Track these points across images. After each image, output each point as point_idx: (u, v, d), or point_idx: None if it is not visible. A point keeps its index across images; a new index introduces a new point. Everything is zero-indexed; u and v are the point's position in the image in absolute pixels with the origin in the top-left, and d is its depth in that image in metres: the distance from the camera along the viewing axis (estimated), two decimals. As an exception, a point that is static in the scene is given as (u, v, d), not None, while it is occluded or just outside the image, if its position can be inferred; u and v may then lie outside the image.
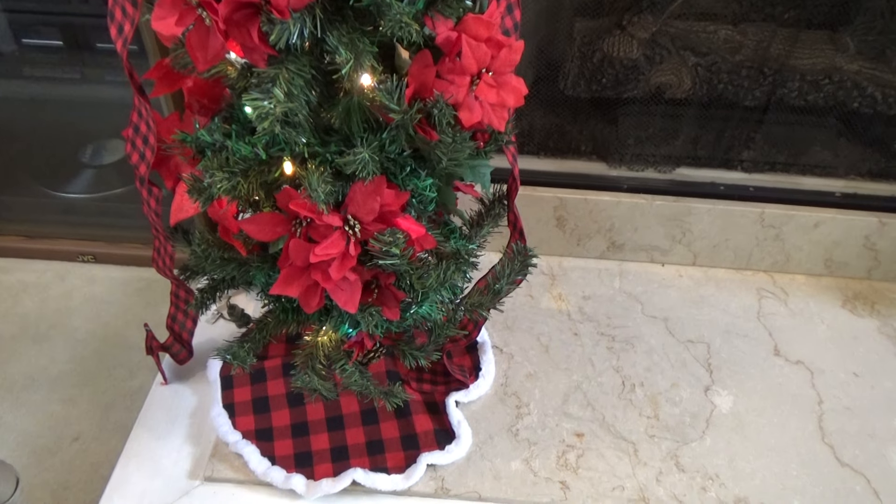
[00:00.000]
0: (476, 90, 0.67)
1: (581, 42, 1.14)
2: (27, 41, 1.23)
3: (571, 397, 1.04)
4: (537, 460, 0.96)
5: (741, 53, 1.15)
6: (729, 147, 1.25)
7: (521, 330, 1.15)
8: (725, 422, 1.02)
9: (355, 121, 0.67)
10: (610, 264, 1.29)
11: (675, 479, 0.95)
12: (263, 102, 0.59)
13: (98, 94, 1.30)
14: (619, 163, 1.25)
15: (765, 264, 1.29)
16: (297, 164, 0.68)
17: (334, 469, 0.92)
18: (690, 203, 1.22)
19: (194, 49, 0.60)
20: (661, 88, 1.18)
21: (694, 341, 1.15)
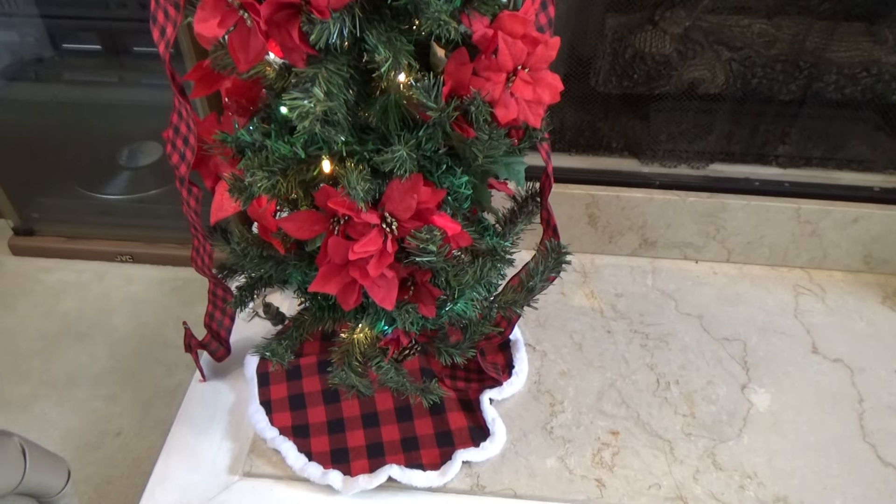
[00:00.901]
0: (512, 87, 0.67)
1: (612, 38, 1.14)
2: (67, 46, 1.26)
3: (606, 395, 1.04)
4: (572, 458, 0.95)
5: (776, 47, 1.14)
6: (764, 142, 1.23)
7: (554, 328, 1.15)
8: (763, 420, 1.01)
9: (392, 119, 0.67)
10: (642, 261, 1.29)
11: (712, 477, 0.94)
12: (303, 101, 0.60)
13: (135, 98, 1.32)
14: (652, 159, 1.24)
15: (801, 261, 1.27)
16: (335, 162, 0.69)
17: (370, 465, 0.92)
18: (724, 199, 1.21)
19: (236, 50, 0.61)
20: (694, 84, 1.17)
21: (729, 339, 1.14)
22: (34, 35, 1.26)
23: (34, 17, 1.24)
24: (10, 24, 1.27)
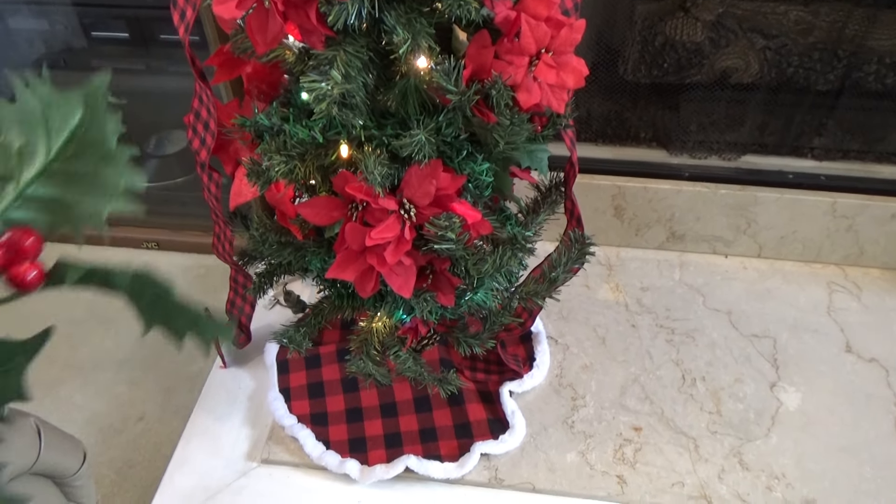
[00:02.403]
0: (535, 71, 0.65)
1: (642, 25, 1.11)
2: (96, 34, 1.28)
3: (629, 390, 1.02)
4: (593, 453, 0.94)
5: (813, 35, 1.10)
6: (799, 134, 1.19)
7: (577, 321, 1.13)
8: (793, 420, 0.98)
9: (412, 103, 0.66)
10: (670, 255, 1.26)
11: (738, 477, 0.91)
12: (321, 84, 0.59)
13: (162, 86, 1.33)
14: (681, 150, 1.21)
15: (836, 257, 1.23)
16: (354, 147, 0.68)
17: (388, 455, 0.92)
18: (757, 192, 1.17)
19: (254, 32, 0.60)
20: (726, 73, 1.14)
21: (759, 336, 1.10)
22: (64, 23, 1.27)
23: (65, 4, 1.25)
24: (43, 13, 1.28)
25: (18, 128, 0.26)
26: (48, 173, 0.26)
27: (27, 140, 0.26)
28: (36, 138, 0.26)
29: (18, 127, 0.26)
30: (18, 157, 0.26)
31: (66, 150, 0.27)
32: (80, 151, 0.27)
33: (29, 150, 0.26)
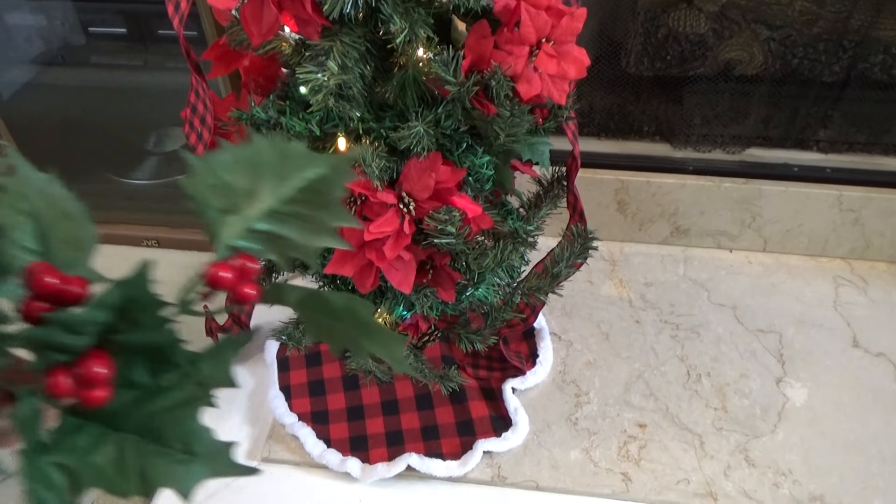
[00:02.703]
0: (535, 61, 0.64)
1: (645, 17, 1.09)
2: (93, 30, 1.27)
3: (633, 386, 1.01)
4: (597, 450, 0.92)
5: (818, 25, 1.08)
6: (804, 126, 1.18)
7: (581, 317, 1.12)
8: (799, 415, 0.97)
9: (410, 95, 0.65)
10: (674, 250, 1.24)
11: (744, 473, 0.90)
12: (317, 75, 0.58)
13: (162, 82, 1.32)
14: (685, 143, 1.19)
15: (842, 251, 1.22)
16: (352, 140, 0.67)
17: (389, 453, 0.91)
18: (761, 185, 1.16)
19: (249, 23, 0.59)
20: (730, 65, 1.12)
21: (765, 331, 1.09)
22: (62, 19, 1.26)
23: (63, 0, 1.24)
24: (40, 9, 1.27)
25: (246, 170, 0.31)
26: (271, 212, 0.31)
27: (253, 183, 0.31)
28: (263, 183, 0.31)
29: (247, 170, 0.31)
30: (244, 196, 0.30)
31: (294, 196, 0.31)
32: (307, 200, 0.31)
33: (254, 192, 0.31)
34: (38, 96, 1.39)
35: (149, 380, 0.28)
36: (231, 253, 0.30)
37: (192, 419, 0.28)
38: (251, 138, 0.31)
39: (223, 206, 0.30)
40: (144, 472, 0.27)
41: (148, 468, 0.27)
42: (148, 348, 0.28)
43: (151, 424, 0.28)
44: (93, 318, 0.26)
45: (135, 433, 0.28)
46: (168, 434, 0.27)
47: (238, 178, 0.31)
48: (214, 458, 0.28)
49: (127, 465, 0.27)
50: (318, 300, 0.32)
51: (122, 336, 0.27)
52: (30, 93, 1.40)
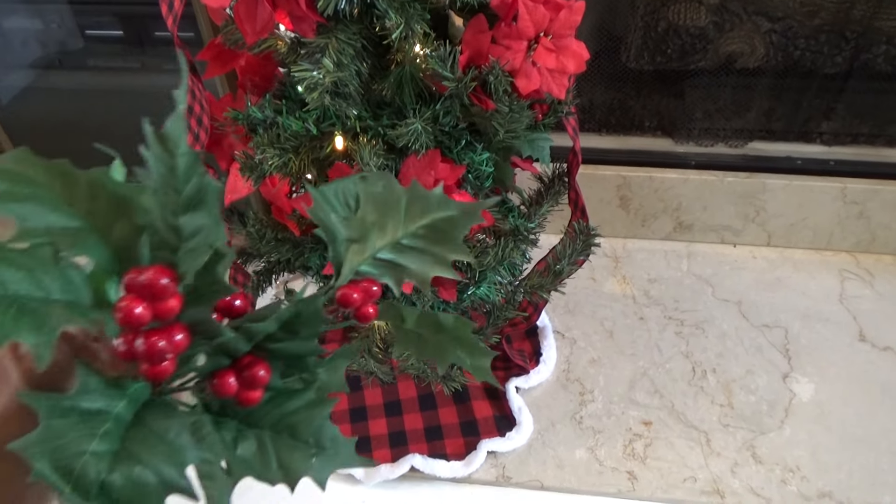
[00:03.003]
0: (534, 55, 0.63)
1: (644, 11, 1.08)
2: (90, 33, 1.26)
3: (638, 384, 1.00)
4: (603, 449, 0.92)
5: (820, 17, 1.07)
6: (807, 119, 1.17)
7: (584, 314, 1.11)
8: (806, 411, 0.96)
9: (407, 92, 0.64)
10: (677, 245, 1.23)
11: (751, 470, 0.89)
12: (312, 73, 0.57)
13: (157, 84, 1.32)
14: (687, 138, 1.18)
15: (847, 244, 1.21)
16: (349, 138, 0.66)
17: (392, 455, 0.90)
18: (765, 179, 1.15)
19: (243, 21, 0.58)
20: (731, 58, 1.11)
21: (770, 326, 1.08)
22: (58, 23, 1.25)
23: (59, 3, 1.24)
24: (37, 13, 1.27)
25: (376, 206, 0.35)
26: (395, 244, 0.35)
27: (381, 218, 0.35)
28: (389, 219, 0.35)
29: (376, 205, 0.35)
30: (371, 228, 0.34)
31: (417, 232, 0.35)
32: (430, 236, 0.35)
33: (380, 225, 0.35)
34: (36, 100, 1.38)
35: (280, 383, 0.32)
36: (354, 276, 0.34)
37: (322, 418, 0.32)
38: (388, 184, 0.35)
39: (350, 235, 0.34)
40: (284, 464, 0.31)
41: (287, 460, 0.31)
42: (292, 356, 0.31)
43: (286, 422, 0.31)
44: (266, 329, 0.30)
45: (269, 430, 0.31)
46: (301, 431, 0.31)
47: (368, 211, 0.34)
48: (341, 451, 0.32)
49: (268, 457, 0.31)
50: (431, 319, 0.36)
51: (277, 345, 0.31)
52: (28, 97, 1.39)
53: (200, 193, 0.31)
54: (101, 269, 0.29)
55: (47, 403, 0.26)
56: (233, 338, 0.29)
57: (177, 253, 0.30)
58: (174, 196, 0.31)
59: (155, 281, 0.27)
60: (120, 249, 0.30)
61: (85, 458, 0.26)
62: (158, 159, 0.31)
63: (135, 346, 0.28)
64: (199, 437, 0.28)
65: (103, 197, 0.30)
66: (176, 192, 0.31)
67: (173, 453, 0.27)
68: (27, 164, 0.29)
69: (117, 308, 0.27)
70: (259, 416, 0.31)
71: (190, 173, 0.30)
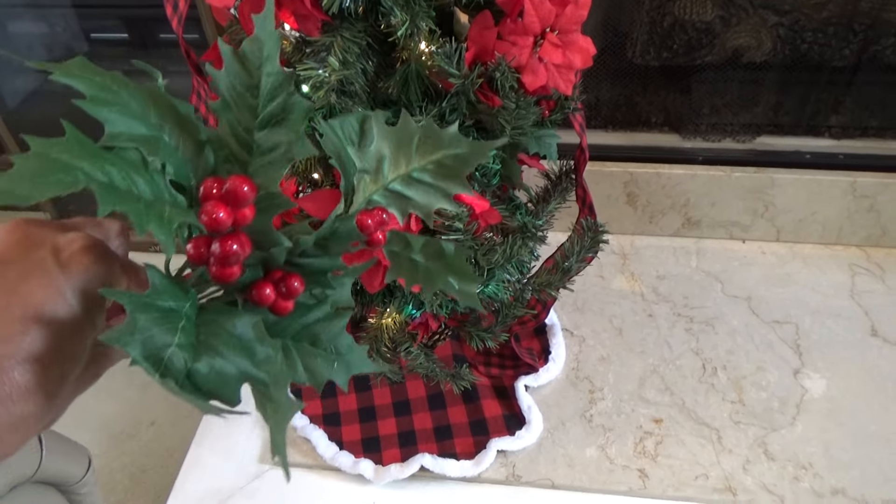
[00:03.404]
0: (540, 51, 0.63)
1: (650, 6, 1.08)
2: (95, 36, 1.27)
3: (648, 381, 0.99)
4: (613, 447, 0.91)
5: (827, 9, 1.06)
6: (815, 112, 1.16)
7: (592, 312, 1.10)
8: (818, 407, 0.95)
9: (413, 89, 0.64)
10: (685, 242, 1.23)
11: (763, 467, 0.88)
12: (318, 71, 0.57)
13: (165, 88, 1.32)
14: (694, 133, 1.18)
15: (857, 238, 1.20)
16: (355, 137, 0.66)
17: (402, 454, 0.90)
18: (773, 174, 1.14)
19: (247, 20, 0.58)
20: (738, 52, 1.10)
21: (780, 322, 1.07)
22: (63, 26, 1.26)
23: (64, 7, 1.24)
24: (42, 16, 1.27)
25: (390, 143, 0.37)
26: (405, 177, 0.37)
27: (395, 153, 0.37)
28: (402, 154, 0.37)
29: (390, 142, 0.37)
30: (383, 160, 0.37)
31: (426, 167, 0.37)
32: (438, 171, 0.37)
33: (393, 158, 0.37)
34: (42, 104, 1.39)
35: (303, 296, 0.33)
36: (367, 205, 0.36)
37: (339, 328, 0.34)
38: (404, 119, 0.37)
39: (364, 167, 0.36)
40: (309, 368, 0.33)
41: (311, 364, 0.33)
42: (317, 270, 0.33)
43: (307, 332, 0.34)
44: (307, 243, 0.32)
45: (291, 339, 0.33)
46: (322, 340, 0.34)
47: (383, 146, 0.37)
48: (356, 357, 0.34)
49: (294, 361, 0.33)
50: (435, 247, 0.38)
51: (308, 259, 0.33)
52: (35, 101, 1.40)
53: (285, 111, 0.33)
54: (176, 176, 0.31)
55: (131, 299, 0.27)
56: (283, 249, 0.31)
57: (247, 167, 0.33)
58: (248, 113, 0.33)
59: (238, 188, 0.29)
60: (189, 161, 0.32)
61: (171, 349, 0.28)
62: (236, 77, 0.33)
63: (210, 249, 0.29)
64: (261, 335, 0.29)
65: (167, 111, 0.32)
66: (250, 109, 0.33)
67: (244, 346, 0.29)
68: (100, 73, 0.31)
69: (204, 211, 0.29)
70: (282, 326, 0.33)
71: (276, 92, 0.33)
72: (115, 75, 0.31)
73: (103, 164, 0.28)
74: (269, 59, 0.33)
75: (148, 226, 0.27)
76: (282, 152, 0.33)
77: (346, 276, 0.35)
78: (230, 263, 0.30)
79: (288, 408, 0.30)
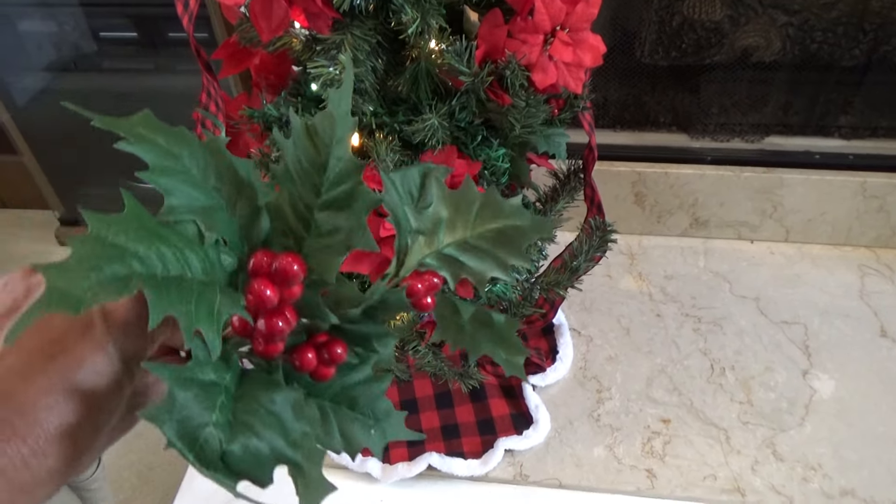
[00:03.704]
0: (550, 49, 0.63)
1: (659, 6, 1.08)
2: (104, 35, 1.27)
3: (656, 381, 0.99)
4: (621, 447, 0.91)
5: (837, 9, 1.06)
6: (825, 112, 1.15)
7: (600, 312, 1.10)
8: (827, 408, 0.95)
9: (423, 88, 0.64)
10: (693, 242, 1.22)
11: (772, 468, 0.88)
12: (328, 69, 0.57)
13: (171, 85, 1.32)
14: (702, 133, 1.17)
15: (867, 239, 1.19)
16: (365, 135, 0.66)
17: (409, 453, 0.90)
18: (782, 174, 1.14)
19: (258, 18, 0.58)
20: (747, 52, 1.10)
21: (789, 322, 1.07)
22: (72, 25, 1.26)
23: (73, 6, 1.25)
24: (51, 16, 1.28)
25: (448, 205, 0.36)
26: (460, 243, 0.36)
27: (452, 217, 0.36)
28: (460, 219, 0.36)
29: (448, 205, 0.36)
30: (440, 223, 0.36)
31: (484, 234, 0.36)
32: (495, 239, 0.36)
33: (451, 222, 0.36)
34: (52, 103, 1.39)
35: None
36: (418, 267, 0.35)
37: (378, 392, 0.33)
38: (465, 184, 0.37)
39: (420, 227, 0.35)
40: (346, 434, 0.32)
41: (348, 430, 0.32)
42: (363, 336, 0.33)
43: (347, 395, 0.33)
44: (355, 315, 0.32)
45: (330, 401, 0.32)
46: (361, 404, 0.33)
47: (441, 209, 0.36)
48: (393, 424, 0.33)
49: (331, 427, 0.32)
50: (485, 317, 0.37)
51: (354, 326, 0.32)
52: (44, 100, 1.40)
53: (350, 199, 0.32)
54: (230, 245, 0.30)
55: (172, 374, 0.26)
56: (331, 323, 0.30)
57: (302, 243, 0.32)
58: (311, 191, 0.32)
59: (289, 267, 0.29)
60: (243, 228, 0.31)
61: (208, 429, 0.26)
62: (303, 152, 0.32)
63: (256, 325, 0.29)
64: (299, 410, 0.29)
65: (226, 172, 0.30)
66: (314, 187, 0.32)
67: (281, 425, 0.28)
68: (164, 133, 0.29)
69: (251, 290, 0.28)
70: (322, 388, 0.32)
71: (343, 178, 0.32)
72: (179, 133, 0.29)
73: (159, 245, 0.27)
74: (340, 142, 0.32)
75: (197, 325, 0.25)
76: (341, 238, 0.32)
77: (390, 336, 0.33)
78: (275, 341, 0.29)
79: (322, 488, 0.28)
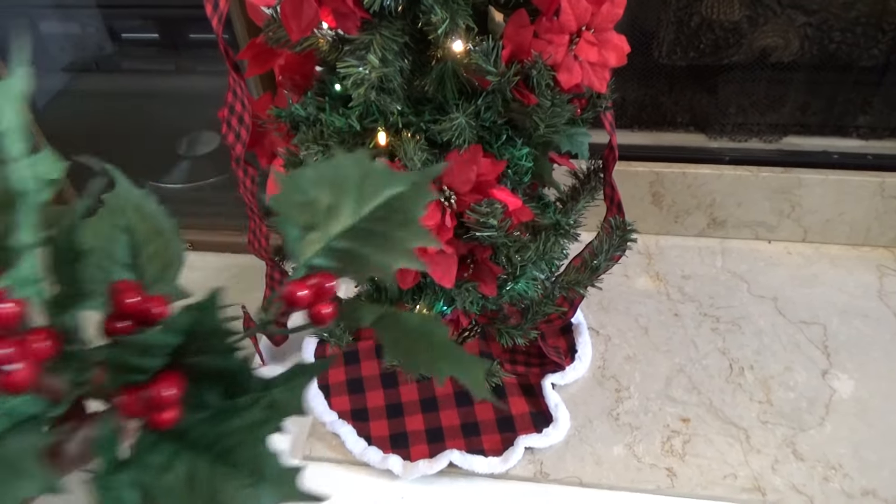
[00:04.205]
0: (576, 49, 0.63)
1: (677, 6, 1.08)
2: (126, 36, 1.28)
3: (674, 380, 0.99)
4: (641, 445, 0.91)
5: (856, 9, 1.06)
6: (843, 112, 1.15)
7: (618, 311, 1.10)
8: (847, 408, 0.94)
9: (449, 88, 0.65)
10: (711, 242, 1.22)
11: (792, 467, 0.88)
12: (358, 69, 0.58)
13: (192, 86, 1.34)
14: (720, 133, 1.17)
15: (885, 239, 1.19)
16: (391, 134, 0.67)
17: (430, 450, 0.90)
18: (800, 174, 1.13)
19: (288, 18, 0.59)
20: (765, 52, 1.10)
21: (808, 322, 1.07)
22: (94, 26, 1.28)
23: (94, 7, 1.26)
24: (72, 17, 1.29)
25: (329, 187, 0.30)
26: (350, 230, 0.31)
27: (336, 200, 0.30)
28: (345, 200, 0.31)
29: (329, 186, 0.30)
30: (325, 212, 0.30)
31: (374, 214, 0.31)
32: (386, 218, 0.31)
33: (335, 209, 0.30)
34: (71, 103, 1.41)
35: (220, 401, 0.28)
36: (309, 271, 0.30)
37: (262, 442, 0.27)
38: (335, 154, 0.31)
39: (305, 222, 0.30)
40: (214, 496, 0.26)
41: (218, 491, 0.26)
42: (219, 372, 0.28)
43: (223, 444, 0.27)
44: (163, 340, 0.26)
45: (207, 452, 0.27)
46: (238, 456, 0.27)
47: (321, 194, 0.30)
48: (282, 482, 0.27)
49: (198, 486, 0.26)
50: (393, 320, 0.31)
51: (193, 359, 0.27)
52: (64, 100, 1.42)
53: None
54: None
55: None
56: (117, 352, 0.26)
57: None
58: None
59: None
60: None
61: None
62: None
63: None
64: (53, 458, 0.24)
65: None
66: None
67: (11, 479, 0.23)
68: None
69: None
70: (196, 436, 0.27)
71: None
72: None
73: None
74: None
75: None
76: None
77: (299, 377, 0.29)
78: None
79: None
